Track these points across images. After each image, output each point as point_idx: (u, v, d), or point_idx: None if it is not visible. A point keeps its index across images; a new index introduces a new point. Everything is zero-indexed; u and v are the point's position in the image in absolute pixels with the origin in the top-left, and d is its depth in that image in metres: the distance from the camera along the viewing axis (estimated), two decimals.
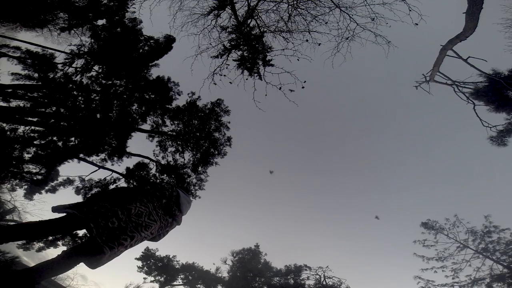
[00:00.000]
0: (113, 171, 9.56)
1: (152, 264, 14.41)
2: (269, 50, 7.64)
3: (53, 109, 8.91)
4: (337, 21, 6.88)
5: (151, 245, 14.51)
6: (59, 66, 9.27)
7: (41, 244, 10.43)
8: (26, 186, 10.27)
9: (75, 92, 9.11)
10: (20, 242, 10.30)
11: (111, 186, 9.40)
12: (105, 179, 9.62)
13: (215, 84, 7.57)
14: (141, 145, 10.09)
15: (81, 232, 9.10)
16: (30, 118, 8.77)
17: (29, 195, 10.55)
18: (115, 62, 9.05)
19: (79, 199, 9.32)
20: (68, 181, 9.83)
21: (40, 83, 9.03)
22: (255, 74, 7.75)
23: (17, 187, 10.42)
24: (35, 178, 9.66)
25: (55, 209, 1.75)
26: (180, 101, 9.96)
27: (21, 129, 8.77)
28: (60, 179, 10.00)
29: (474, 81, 8.67)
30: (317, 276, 14.49)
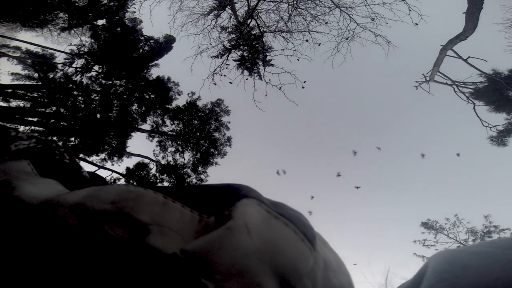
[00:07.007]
0: (113, 171, 9.56)
1: None
2: (269, 50, 7.65)
3: (53, 109, 8.92)
4: (337, 21, 6.89)
5: None
6: (59, 66, 9.28)
7: None
8: None
9: (75, 92, 9.12)
10: None
11: None
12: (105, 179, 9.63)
13: (215, 84, 7.59)
14: (141, 145, 10.09)
15: None
16: (30, 118, 8.77)
17: None
18: (115, 62, 9.06)
19: None
20: None
21: (40, 83, 9.03)
22: (255, 74, 7.77)
23: None
24: None
25: None
26: (180, 101, 9.94)
27: (21, 129, 8.76)
28: None
29: (474, 81, 8.68)
30: None
